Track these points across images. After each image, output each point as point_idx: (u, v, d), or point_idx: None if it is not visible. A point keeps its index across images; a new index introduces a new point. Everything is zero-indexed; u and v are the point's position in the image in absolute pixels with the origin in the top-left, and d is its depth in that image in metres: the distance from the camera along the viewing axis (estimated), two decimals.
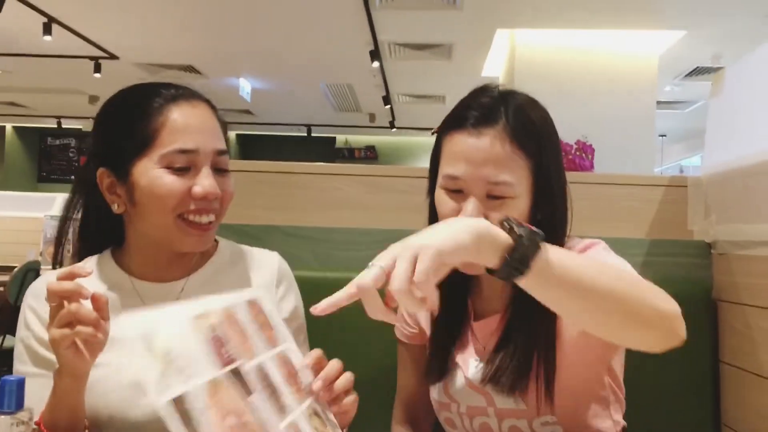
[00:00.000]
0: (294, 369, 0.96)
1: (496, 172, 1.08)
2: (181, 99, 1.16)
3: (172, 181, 1.13)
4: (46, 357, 1.14)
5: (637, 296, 0.89)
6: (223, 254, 1.29)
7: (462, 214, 1.09)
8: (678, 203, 1.67)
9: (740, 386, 1.45)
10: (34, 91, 10.05)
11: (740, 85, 1.49)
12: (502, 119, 1.10)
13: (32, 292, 1.21)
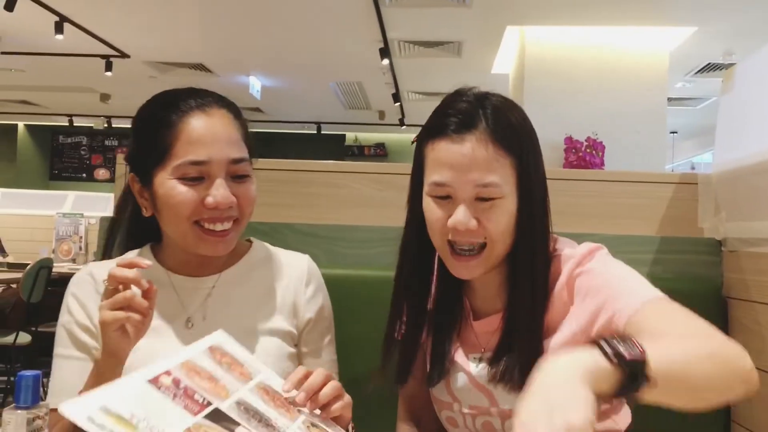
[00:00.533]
0: (277, 393, 1.00)
1: (483, 175, 1.09)
2: (198, 110, 1.19)
3: (185, 192, 1.17)
4: (86, 342, 1.22)
5: (727, 375, 0.90)
6: (256, 254, 1.34)
7: (453, 220, 1.10)
8: (688, 201, 1.66)
9: None
10: (45, 89, 10.11)
11: (751, 81, 1.49)
12: (482, 122, 1.11)
13: (75, 281, 1.28)
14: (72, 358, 1.22)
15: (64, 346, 1.24)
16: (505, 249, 1.15)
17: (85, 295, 1.25)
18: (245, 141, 1.23)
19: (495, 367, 1.16)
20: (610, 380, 0.80)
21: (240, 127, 1.23)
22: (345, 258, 1.65)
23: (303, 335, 1.31)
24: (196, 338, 1.20)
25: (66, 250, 5.70)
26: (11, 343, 4.24)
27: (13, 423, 0.80)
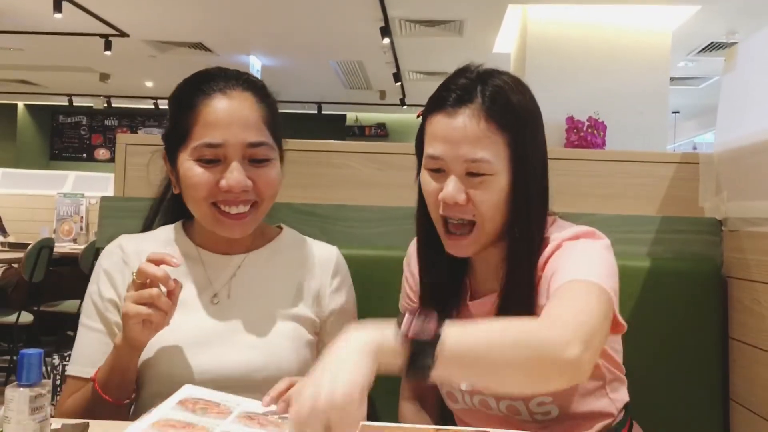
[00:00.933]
0: (261, 416, 1.02)
1: (473, 150, 1.10)
2: (219, 92, 1.19)
3: (200, 174, 1.18)
4: (109, 318, 1.25)
5: (535, 364, 0.90)
6: (285, 239, 1.36)
7: (443, 193, 1.12)
8: (689, 180, 1.66)
9: (749, 362, 1.45)
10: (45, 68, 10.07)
11: (753, 61, 1.48)
12: (478, 99, 1.11)
13: (106, 252, 1.31)
14: (94, 329, 1.25)
15: (88, 316, 1.27)
16: (495, 227, 1.15)
17: (113, 267, 1.27)
18: (268, 124, 1.23)
19: None
20: (396, 356, 0.87)
21: (263, 110, 1.22)
22: (345, 238, 1.65)
23: (325, 326, 1.32)
24: (221, 314, 1.25)
25: (67, 230, 5.70)
26: (13, 322, 4.26)
27: (16, 401, 0.81)
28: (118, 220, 1.68)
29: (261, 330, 1.24)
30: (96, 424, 1.01)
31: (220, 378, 1.17)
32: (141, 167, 1.71)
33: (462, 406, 1.26)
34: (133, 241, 1.31)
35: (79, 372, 1.23)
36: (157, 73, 10.11)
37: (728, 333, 1.54)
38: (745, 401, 1.47)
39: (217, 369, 1.20)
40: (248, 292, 1.27)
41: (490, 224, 1.14)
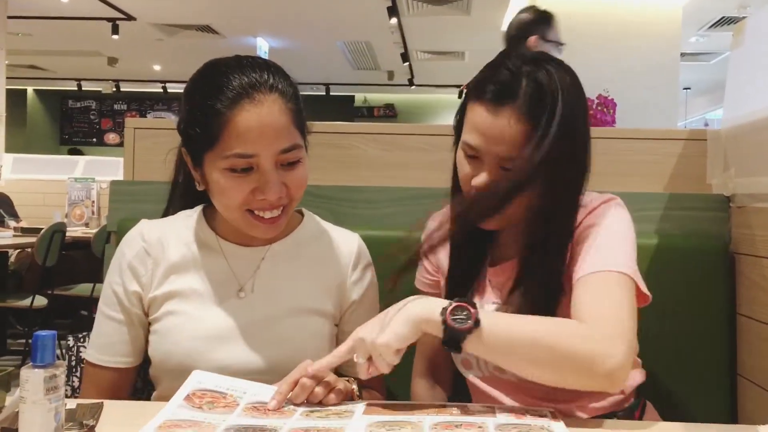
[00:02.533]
0: (266, 404, 1.04)
1: (510, 149, 1.12)
2: (247, 99, 1.13)
3: (235, 185, 1.16)
4: (131, 310, 1.25)
5: (566, 371, 1.00)
6: (307, 228, 1.34)
7: (475, 181, 1.16)
8: (697, 157, 1.66)
9: (757, 338, 1.46)
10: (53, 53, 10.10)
11: (762, 36, 1.47)
12: (519, 98, 1.11)
13: (127, 240, 1.29)
14: (113, 319, 1.25)
15: (106, 305, 1.26)
16: (520, 213, 1.18)
17: (136, 259, 1.26)
18: (297, 123, 1.18)
19: (505, 310, 1.19)
20: (436, 331, 1.02)
21: (291, 110, 1.17)
22: (353, 219, 1.66)
23: (345, 315, 1.32)
24: (245, 308, 1.24)
25: (79, 215, 5.75)
26: (28, 305, 4.31)
27: (31, 381, 0.82)
28: (128, 204, 1.69)
29: (284, 325, 1.24)
30: (110, 404, 1.03)
31: (241, 373, 1.17)
32: (150, 151, 1.72)
33: (476, 373, 1.27)
34: (155, 228, 1.29)
35: (99, 360, 1.24)
36: (164, 56, 10.11)
37: (736, 309, 1.54)
38: (752, 376, 1.48)
39: (239, 364, 1.20)
40: (271, 286, 1.26)
41: (516, 212, 1.17)
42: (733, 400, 1.54)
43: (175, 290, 1.24)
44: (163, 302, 1.24)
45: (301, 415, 1.01)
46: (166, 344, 1.21)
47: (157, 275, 1.25)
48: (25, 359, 4.53)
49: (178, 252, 1.26)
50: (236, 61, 1.20)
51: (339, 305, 1.31)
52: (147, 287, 1.25)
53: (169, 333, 1.22)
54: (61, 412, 0.85)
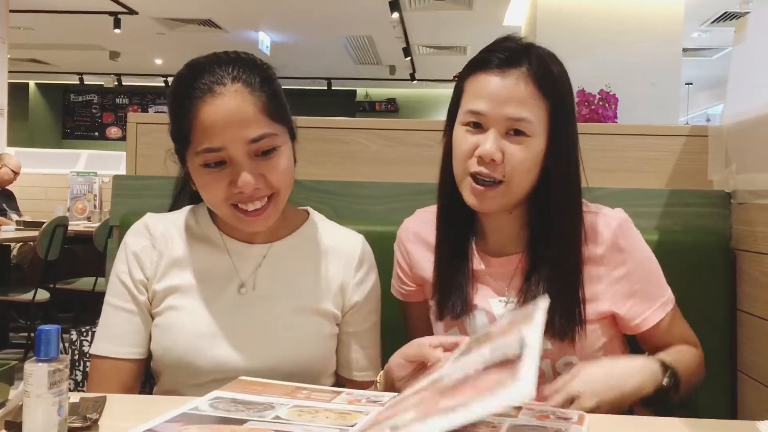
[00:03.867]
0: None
1: (518, 109, 1.15)
2: (208, 93, 1.14)
3: (212, 181, 1.17)
4: (140, 299, 1.25)
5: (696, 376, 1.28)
6: (311, 228, 1.34)
7: (481, 149, 1.16)
8: (698, 153, 1.66)
9: (757, 334, 1.46)
10: (55, 47, 10.09)
11: (764, 32, 1.47)
12: (527, 63, 1.17)
13: (132, 231, 1.30)
14: (123, 309, 1.24)
15: (114, 296, 1.26)
16: (522, 190, 1.19)
17: (142, 252, 1.26)
18: (267, 111, 1.16)
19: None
20: (653, 390, 1.14)
21: (258, 99, 1.16)
22: (355, 214, 1.66)
23: (346, 316, 1.31)
24: (246, 305, 1.24)
25: (81, 209, 5.76)
26: (30, 299, 4.32)
27: (35, 375, 0.83)
28: (131, 199, 1.70)
29: (284, 324, 1.24)
30: (113, 398, 1.04)
31: (240, 370, 1.16)
32: (152, 146, 1.73)
33: None
34: (160, 223, 1.29)
35: (108, 351, 1.22)
36: (166, 50, 10.10)
37: (736, 305, 1.55)
38: (752, 372, 1.48)
39: (238, 361, 1.19)
40: (273, 284, 1.26)
41: (518, 186, 1.18)
42: (733, 396, 1.55)
43: (177, 285, 1.24)
44: (165, 297, 1.24)
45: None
46: (166, 339, 1.21)
47: (161, 268, 1.25)
48: (27, 353, 4.54)
49: (182, 246, 1.27)
50: (207, 59, 1.20)
51: (340, 306, 1.30)
52: (151, 279, 1.25)
53: (169, 328, 1.22)
54: (64, 406, 0.85)
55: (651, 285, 1.25)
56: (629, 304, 1.23)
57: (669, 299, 1.26)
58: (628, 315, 1.23)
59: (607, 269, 1.23)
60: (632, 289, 1.23)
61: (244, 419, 0.90)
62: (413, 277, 1.37)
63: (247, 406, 0.96)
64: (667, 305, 1.25)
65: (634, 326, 1.24)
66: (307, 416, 0.94)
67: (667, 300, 1.26)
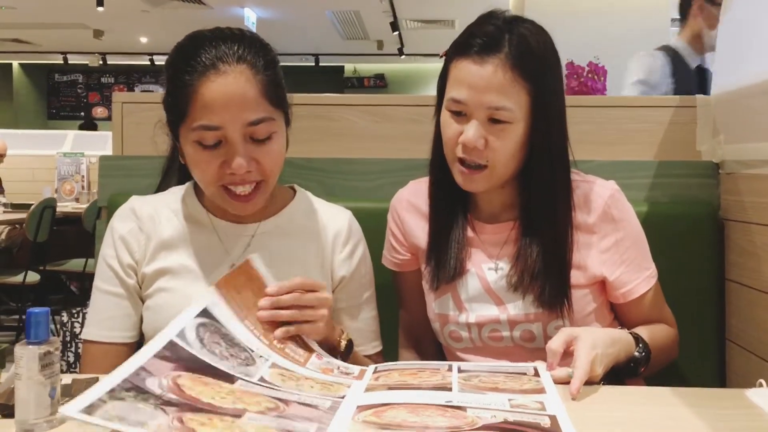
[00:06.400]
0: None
1: (498, 98, 1.15)
2: (212, 69, 1.12)
3: (204, 159, 1.15)
4: (128, 283, 1.25)
5: (669, 355, 1.32)
6: (298, 205, 1.33)
7: (463, 137, 1.18)
8: (687, 124, 1.66)
9: (745, 303, 1.48)
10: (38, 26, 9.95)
11: (750, 2, 1.46)
12: (505, 48, 1.16)
13: (119, 214, 1.29)
14: (112, 294, 1.24)
15: (103, 280, 1.26)
16: (507, 172, 1.22)
17: (129, 234, 1.26)
18: (268, 95, 1.16)
19: (516, 271, 1.23)
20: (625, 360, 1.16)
21: (261, 81, 1.15)
22: (344, 191, 1.66)
23: (335, 292, 1.31)
24: None
25: (69, 190, 5.72)
26: (20, 282, 4.31)
27: (26, 358, 0.83)
28: (119, 179, 1.68)
29: None
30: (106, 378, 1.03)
31: None
32: (138, 125, 1.71)
33: (466, 344, 1.29)
34: (146, 205, 1.28)
35: (100, 336, 1.23)
36: (151, 28, 9.98)
37: (725, 275, 1.56)
38: (740, 341, 1.50)
39: None
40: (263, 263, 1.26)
41: (503, 169, 1.21)
42: (721, 364, 1.57)
43: (167, 267, 1.24)
44: (155, 279, 1.24)
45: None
46: (158, 321, 1.20)
47: (149, 251, 1.25)
48: (18, 335, 4.54)
49: (170, 228, 1.26)
50: (212, 33, 1.18)
51: (330, 281, 1.31)
52: (140, 262, 1.25)
53: (160, 309, 1.22)
54: (56, 388, 0.85)
55: (639, 256, 1.27)
56: (618, 271, 1.25)
57: (653, 273, 1.30)
58: (617, 282, 1.26)
59: (598, 237, 1.25)
60: (621, 258, 1.25)
61: (231, 375, 0.93)
62: (408, 245, 1.38)
63: (230, 351, 0.98)
64: (651, 279, 1.29)
65: (621, 294, 1.27)
66: (290, 383, 0.97)
67: (651, 273, 1.29)
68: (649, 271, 1.29)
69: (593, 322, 1.27)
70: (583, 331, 1.10)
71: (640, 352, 1.17)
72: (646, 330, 1.25)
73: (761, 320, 1.40)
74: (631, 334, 1.20)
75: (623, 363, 1.14)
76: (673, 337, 1.32)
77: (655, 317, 1.31)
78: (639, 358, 1.17)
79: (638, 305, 1.28)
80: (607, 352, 1.09)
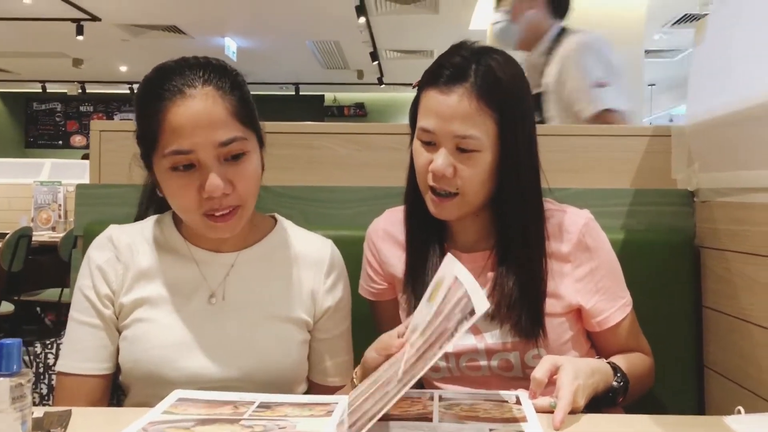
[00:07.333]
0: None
1: (463, 127, 1.17)
2: (179, 95, 1.13)
3: (181, 185, 1.15)
4: (105, 314, 1.23)
5: (646, 384, 1.32)
6: (279, 234, 1.32)
7: (433, 165, 1.19)
8: (662, 153, 1.68)
9: (723, 330, 1.49)
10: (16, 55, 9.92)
11: (723, 32, 1.49)
12: (471, 78, 1.17)
13: (96, 244, 1.27)
14: (89, 325, 1.22)
15: (78, 311, 1.23)
16: (478, 200, 1.23)
17: (106, 264, 1.24)
18: (237, 115, 1.16)
19: (498, 305, 1.23)
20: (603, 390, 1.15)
21: (229, 102, 1.15)
22: (325, 219, 1.66)
23: (319, 323, 1.30)
24: (217, 315, 1.22)
25: (45, 219, 5.65)
26: None
27: None
28: (95, 208, 1.67)
29: (255, 333, 1.22)
30: (78, 411, 1.02)
31: (212, 381, 1.16)
32: (116, 154, 1.70)
33: (444, 374, 1.28)
34: (124, 234, 1.27)
35: (76, 369, 1.20)
36: (131, 57, 9.99)
37: (702, 302, 1.57)
38: (718, 368, 1.51)
39: (209, 372, 1.18)
40: (242, 293, 1.25)
41: (473, 197, 1.22)
42: (700, 392, 1.57)
43: (145, 297, 1.22)
44: (133, 309, 1.22)
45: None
46: (136, 352, 1.19)
47: (127, 281, 1.23)
48: None
49: (148, 258, 1.25)
50: (177, 62, 1.19)
51: (312, 313, 1.29)
52: (117, 292, 1.23)
53: (138, 340, 1.20)
54: (27, 421, 0.84)
55: (614, 285, 1.28)
56: (594, 300, 1.26)
57: (628, 302, 1.31)
58: (593, 310, 1.26)
59: (573, 266, 1.26)
60: (597, 287, 1.26)
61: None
62: (384, 274, 1.38)
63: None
64: (626, 307, 1.30)
65: (596, 323, 1.27)
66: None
67: (626, 302, 1.30)
68: (624, 300, 1.29)
69: (570, 350, 1.27)
70: (566, 361, 1.09)
71: (618, 381, 1.17)
72: (624, 359, 1.24)
73: (739, 347, 1.41)
74: (609, 363, 1.20)
75: (602, 393, 1.14)
76: (649, 365, 1.33)
77: (632, 346, 1.31)
78: (617, 388, 1.17)
79: (614, 334, 1.28)
80: (588, 382, 1.08)
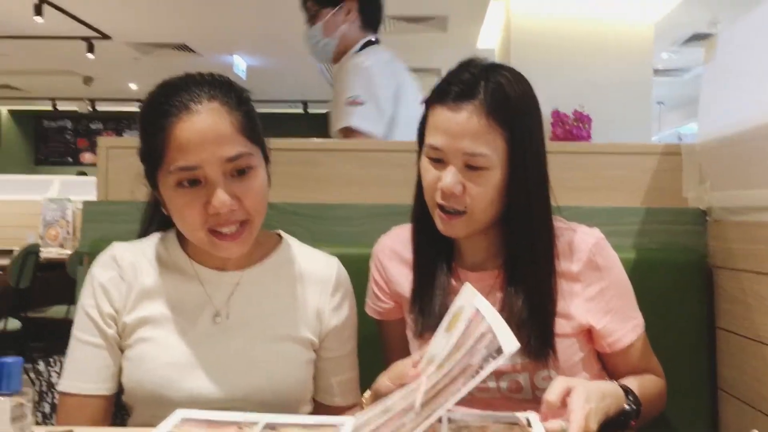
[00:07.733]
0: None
1: (473, 144, 1.15)
2: (185, 110, 1.12)
3: (187, 201, 1.14)
4: (108, 333, 1.21)
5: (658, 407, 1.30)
6: (285, 252, 1.31)
7: (441, 183, 1.17)
8: (673, 171, 1.67)
9: (736, 351, 1.46)
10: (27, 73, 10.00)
11: (733, 50, 1.49)
12: (480, 95, 1.16)
13: (99, 263, 1.25)
14: (91, 344, 1.20)
15: (81, 330, 1.22)
16: (486, 218, 1.21)
17: (110, 283, 1.22)
18: (244, 131, 1.15)
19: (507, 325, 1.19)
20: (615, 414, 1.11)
21: (235, 117, 1.15)
22: (330, 236, 1.65)
23: (325, 342, 1.29)
24: (220, 335, 1.21)
25: (53, 235, 5.66)
26: (1, 329, 4.23)
27: None
28: (102, 224, 1.66)
29: (260, 352, 1.21)
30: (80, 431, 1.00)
31: (216, 401, 1.14)
32: (123, 171, 1.70)
33: None
34: (128, 252, 1.25)
35: (78, 389, 1.19)
36: (141, 75, 10.05)
37: (715, 323, 1.55)
38: (733, 390, 1.48)
39: (214, 392, 1.17)
40: (247, 312, 1.23)
41: (482, 215, 1.20)
42: (714, 414, 1.54)
43: (148, 316, 1.21)
44: (136, 328, 1.20)
45: None
46: (139, 372, 1.17)
47: (131, 300, 1.22)
48: None
49: (152, 277, 1.23)
50: (182, 79, 1.18)
51: (317, 332, 1.27)
52: (120, 311, 1.21)
53: (141, 360, 1.18)
54: None
55: (625, 305, 1.26)
56: (605, 320, 1.24)
57: (640, 323, 1.28)
58: (604, 331, 1.24)
59: (583, 286, 1.24)
60: (607, 307, 1.24)
61: None
62: (390, 293, 1.36)
63: None
64: (638, 328, 1.27)
65: (607, 344, 1.25)
66: None
67: (638, 323, 1.28)
68: (636, 321, 1.27)
69: (581, 372, 1.24)
70: (578, 384, 1.07)
71: (630, 404, 1.15)
72: (636, 381, 1.22)
73: (753, 369, 1.39)
74: (621, 386, 1.17)
75: (613, 416, 1.11)
76: (661, 387, 1.30)
77: (643, 367, 1.29)
78: (629, 411, 1.14)
79: (625, 355, 1.26)
80: (600, 406, 1.06)
